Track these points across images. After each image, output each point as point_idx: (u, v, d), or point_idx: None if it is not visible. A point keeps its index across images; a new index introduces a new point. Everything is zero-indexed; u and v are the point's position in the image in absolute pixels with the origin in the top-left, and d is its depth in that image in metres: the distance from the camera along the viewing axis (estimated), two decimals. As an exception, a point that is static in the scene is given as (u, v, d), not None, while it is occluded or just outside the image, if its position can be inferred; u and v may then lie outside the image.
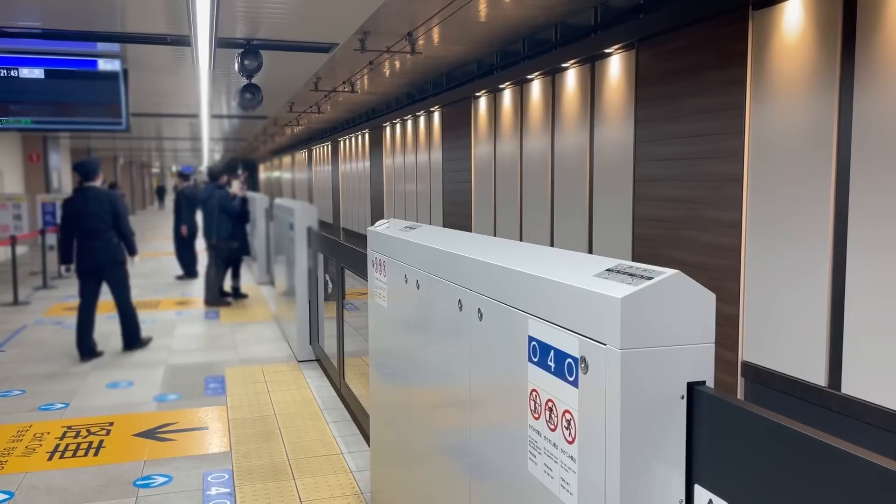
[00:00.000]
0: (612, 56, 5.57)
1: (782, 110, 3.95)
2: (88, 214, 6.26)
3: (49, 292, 10.28)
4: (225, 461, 4.04)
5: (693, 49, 4.63)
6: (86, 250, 6.28)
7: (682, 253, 4.78)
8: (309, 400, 5.18)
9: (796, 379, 3.87)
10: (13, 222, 13.10)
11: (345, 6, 5.18)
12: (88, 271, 6.36)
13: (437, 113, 9.72)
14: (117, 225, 6.39)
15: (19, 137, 15.82)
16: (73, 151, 22.08)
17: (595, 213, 5.87)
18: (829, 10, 3.65)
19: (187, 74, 8.16)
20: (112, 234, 6.36)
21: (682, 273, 1.32)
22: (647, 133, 5.13)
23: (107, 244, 6.32)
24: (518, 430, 1.73)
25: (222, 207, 9.11)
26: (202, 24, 4.93)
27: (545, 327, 1.57)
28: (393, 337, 2.90)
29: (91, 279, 6.38)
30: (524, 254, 1.89)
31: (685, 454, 1.34)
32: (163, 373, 5.92)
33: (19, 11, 5.28)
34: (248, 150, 27.16)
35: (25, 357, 6.46)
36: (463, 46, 7.46)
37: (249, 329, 7.72)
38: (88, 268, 6.35)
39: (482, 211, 8.22)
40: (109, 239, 6.34)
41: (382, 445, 3.14)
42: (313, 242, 6.20)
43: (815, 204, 3.75)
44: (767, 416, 1.14)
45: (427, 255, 2.43)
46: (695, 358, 1.34)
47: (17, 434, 4.47)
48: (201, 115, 12.62)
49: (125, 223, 6.49)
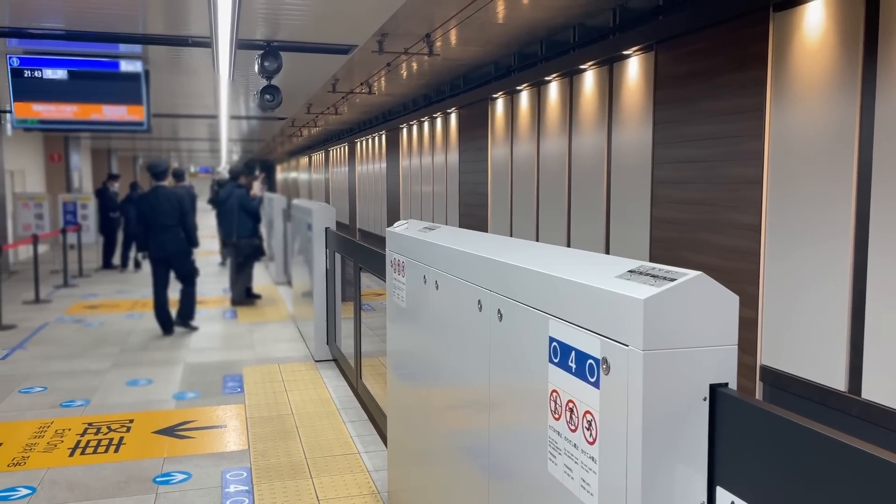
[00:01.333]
0: (631, 58, 5.56)
1: (803, 113, 3.92)
2: (160, 211, 7.13)
3: (70, 290, 10.41)
4: (243, 459, 4.07)
5: (712, 51, 4.61)
6: (157, 242, 7.17)
7: (700, 256, 4.76)
8: (326, 399, 5.21)
9: (815, 383, 3.84)
10: (35, 221, 13.27)
11: (364, 8, 5.20)
12: (159, 260, 7.24)
13: (454, 114, 9.74)
14: (183, 220, 7.24)
15: (41, 137, 16.02)
16: (94, 152, 22.32)
17: (612, 216, 5.85)
18: (852, 11, 3.62)
19: (207, 75, 8.23)
20: (179, 228, 7.24)
21: (705, 275, 1.32)
22: (665, 135, 5.11)
23: (175, 237, 7.22)
24: (538, 430, 1.73)
25: (242, 206, 9.18)
26: (223, 26, 4.97)
27: (566, 328, 1.58)
28: (411, 337, 2.92)
29: (161, 266, 7.26)
30: (544, 255, 1.89)
31: (707, 456, 1.34)
32: (182, 371, 5.98)
33: (43, 13, 5.35)
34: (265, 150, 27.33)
35: (47, 354, 6.54)
36: (480, 48, 7.47)
37: (267, 328, 7.77)
38: (159, 257, 7.22)
39: (498, 212, 8.22)
40: (177, 233, 7.23)
41: (400, 445, 3.15)
42: (331, 243, 6.23)
43: (835, 207, 3.72)
44: (791, 418, 1.14)
45: (446, 256, 2.44)
46: (717, 360, 1.34)
47: (39, 430, 4.53)
48: (220, 115, 12.72)
49: (190, 219, 7.36)
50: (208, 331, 7.62)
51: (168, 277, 7.30)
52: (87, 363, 6.23)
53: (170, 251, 7.20)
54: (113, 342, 7.02)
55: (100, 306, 9.12)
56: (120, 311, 8.74)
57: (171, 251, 7.21)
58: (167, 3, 5.03)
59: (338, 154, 19.57)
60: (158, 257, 7.21)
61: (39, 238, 10.54)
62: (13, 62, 6.48)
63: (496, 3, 5.59)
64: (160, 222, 7.14)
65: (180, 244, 7.26)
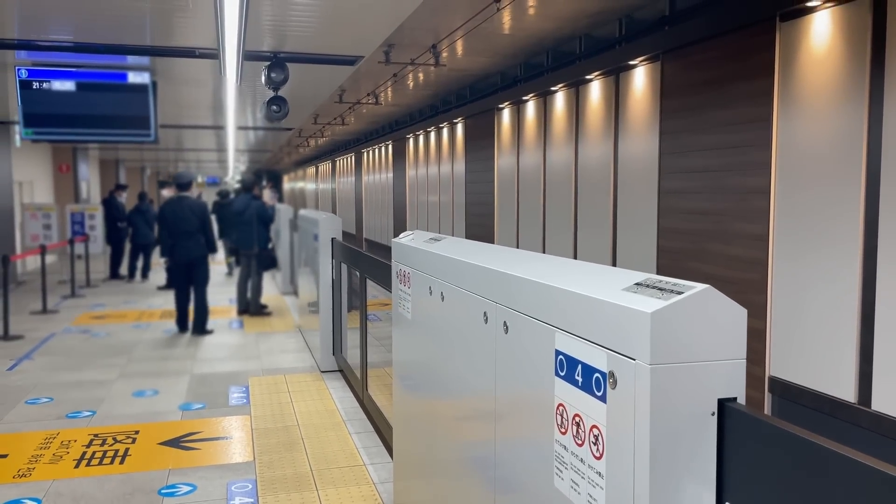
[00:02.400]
0: (637, 68, 5.55)
1: (811, 122, 3.91)
2: (183, 219, 7.74)
3: (77, 301, 10.44)
4: (248, 471, 4.06)
5: (718, 61, 4.61)
6: (180, 248, 7.76)
7: (708, 266, 4.73)
8: (332, 410, 5.19)
9: (825, 395, 3.81)
10: (43, 231, 13.32)
11: (370, 20, 5.22)
12: (181, 265, 7.84)
13: (461, 124, 9.75)
14: (203, 228, 7.88)
15: (49, 148, 16.12)
16: (102, 162, 22.43)
17: (619, 226, 5.84)
18: (858, 21, 3.61)
19: (215, 86, 8.27)
20: (200, 236, 7.85)
21: (713, 288, 1.31)
22: (671, 145, 5.10)
23: (196, 244, 7.84)
24: (544, 444, 1.72)
25: (260, 217, 9.22)
26: (230, 38, 5.00)
27: (572, 341, 1.57)
28: (417, 348, 2.90)
29: (182, 271, 7.88)
30: (550, 267, 1.88)
31: (716, 471, 1.32)
32: (188, 382, 5.98)
33: (52, 26, 5.39)
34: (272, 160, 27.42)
35: (54, 365, 6.55)
36: (487, 58, 7.48)
37: (273, 339, 7.77)
38: (181, 261, 7.82)
39: (505, 222, 8.21)
40: (198, 240, 7.85)
41: (406, 457, 3.13)
42: (337, 253, 6.23)
43: (844, 217, 3.70)
44: (800, 434, 1.12)
45: (452, 267, 2.44)
46: (725, 374, 1.33)
47: (44, 441, 4.53)
48: (227, 126, 12.78)
49: (209, 227, 8.01)
50: (215, 341, 7.62)
51: (188, 282, 7.87)
52: (94, 374, 6.23)
53: (193, 256, 7.80)
54: (119, 353, 7.03)
55: (107, 317, 9.14)
56: (127, 322, 8.76)
57: (194, 256, 7.81)
58: (174, 15, 5.06)
59: (344, 164, 19.62)
60: (180, 262, 7.81)
61: (47, 248, 10.58)
62: (22, 74, 6.52)
63: (502, 14, 5.60)
64: (183, 230, 7.72)
65: (201, 250, 7.87)
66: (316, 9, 4.88)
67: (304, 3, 4.75)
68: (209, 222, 8.00)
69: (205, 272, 7.93)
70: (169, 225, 7.77)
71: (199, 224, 7.81)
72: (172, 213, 7.77)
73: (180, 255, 7.78)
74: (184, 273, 7.89)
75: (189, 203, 7.87)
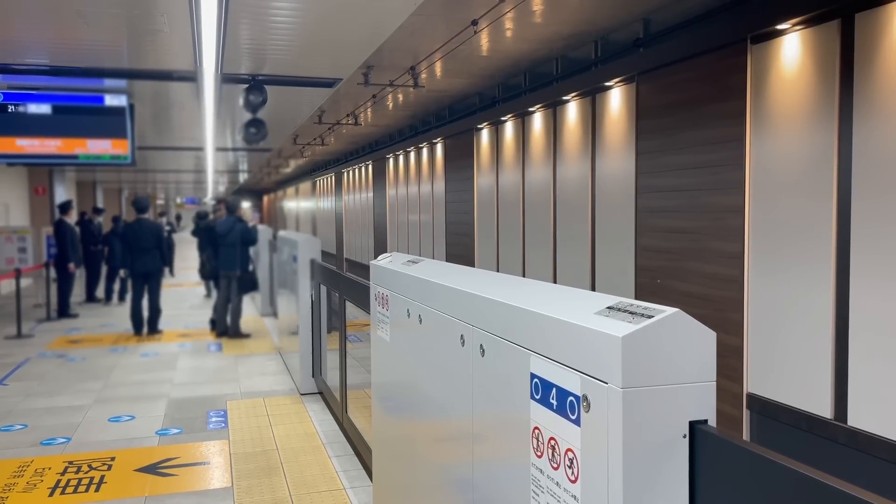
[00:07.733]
0: (613, 89, 5.63)
1: (783, 142, 3.98)
2: (142, 237, 9.31)
3: (52, 325, 10.29)
4: (226, 497, 4.00)
5: (692, 82, 4.68)
6: (138, 261, 9.37)
7: (686, 284, 4.78)
8: (311, 434, 5.15)
9: (802, 411, 3.84)
10: (18, 255, 13.14)
11: (349, 42, 5.25)
12: (139, 275, 9.43)
13: (440, 145, 9.80)
14: (159, 245, 9.48)
15: (25, 171, 15.95)
16: (79, 184, 22.24)
17: (597, 245, 5.88)
18: (827, 43, 3.69)
19: (193, 109, 8.25)
20: (156, 252, 9.45)
21: (683, 312, 1.32)
22: (648, 165, 5.16)
23: (153, 258, 9.42)
24: (521, 467, 1.72)
25: (244, 239, 9.18)
26: (207, 61, 5.00)
27: (547, 364, 1.57)
28: (395, 371, 2.90)
29: (140, 280, 9.45)
30: (526, 290, 1.89)
31: (688, 493, 1.33)
32: (165, 406, 5.90)
33: (28, 50, 5.36)
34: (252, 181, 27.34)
35: (28, 391, 6.44)
36: (465, 80, 7.54)
37: (252, 361, 7.70)
38: (139, 273, 9.41)
39: (485, 241, 8.24)
40: (154, 255, 9.44)
41: (385, 480, 3.11)
42: (316, 275, 6.21)
43: (817, 235, 3.76)
44: (769, 457, 1.13)
45: (430, 290, 2.44)
46: (696, 396, 1.34)
47: (18, 469, 4.45)
48: (206, 147, 12.73)
49: (164, 245, 9.67)
50: (192, 364, 7.54)
51: (144, 289, 9.48)
52: (69, 399, 6.14)
53: (149, 268, 9.43)
54: (95, 377, 6.93)
55: (83, 341, 9.02)
56: (103, 346, 8.64)
57: (150, 268, 9.43)
58: (152, 39, 5.06)
59: (324, 184, 19.60)
60: (139, 273, 9.40)
61: (22, 272, 10.44)
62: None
63: (480, 36, 5.66)
64: (141, 246, 9.31)
65: (157, 263, 9.50)
66: (294, 32, 4.90)
67: (282, 26, 4.77)
68: (164, 240, 9.62)
69: (158, 281, 9.52)
70: (130, 242, 9.36)
71: (155, 241, 9.39)
72: (132, 232, 9.34)
73: (138, 267, 9.37)
74: (141, 282, 9.46)
75: (147, 224, 9.46)
